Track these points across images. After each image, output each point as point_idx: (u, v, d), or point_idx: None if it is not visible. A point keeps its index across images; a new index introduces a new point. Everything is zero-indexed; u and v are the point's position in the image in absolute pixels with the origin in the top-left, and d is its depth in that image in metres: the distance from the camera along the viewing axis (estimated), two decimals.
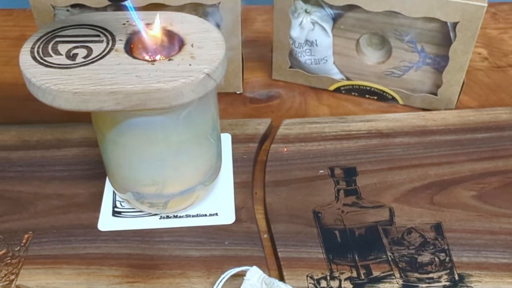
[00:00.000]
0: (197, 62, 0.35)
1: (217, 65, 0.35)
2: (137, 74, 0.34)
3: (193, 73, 0.34)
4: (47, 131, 0.51)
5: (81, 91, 0.33)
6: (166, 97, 0.34)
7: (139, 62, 0.35)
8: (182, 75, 0.34)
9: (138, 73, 0.34)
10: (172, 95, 0.34)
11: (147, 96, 0.34)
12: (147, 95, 0.33)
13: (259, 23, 0.68)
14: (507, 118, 0.52)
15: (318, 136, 0.51)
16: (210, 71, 0.35)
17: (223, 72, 0.36)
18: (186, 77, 0.34)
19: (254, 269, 0.38)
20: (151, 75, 0.34)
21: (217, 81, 0.36)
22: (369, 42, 0.55)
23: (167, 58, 0.36)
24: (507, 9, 0.70)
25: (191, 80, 0.34)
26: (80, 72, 0.34)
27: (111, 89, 0.33)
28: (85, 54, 0.35)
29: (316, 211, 0.44)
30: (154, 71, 0.34)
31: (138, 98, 0.34)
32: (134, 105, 0.34)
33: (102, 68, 0.34)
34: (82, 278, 0.40)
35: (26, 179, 0.47)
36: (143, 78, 0.34)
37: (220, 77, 0.36)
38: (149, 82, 0.33)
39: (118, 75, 0.34)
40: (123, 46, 0.36)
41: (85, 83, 0.33)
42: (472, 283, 0.39)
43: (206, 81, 0.35)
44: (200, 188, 0.43)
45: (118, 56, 0.35)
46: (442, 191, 0.46)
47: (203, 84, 0.34)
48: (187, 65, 0.35)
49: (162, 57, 0.36)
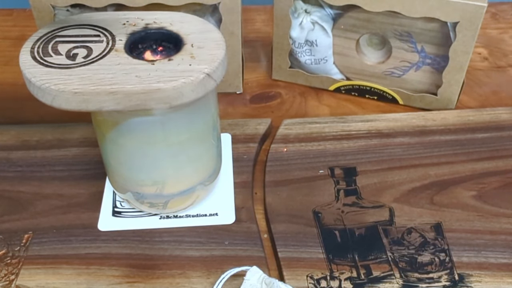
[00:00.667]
0: (197, 62, 0.35)
1: (217, 65, 0.35)
2: (137, 74, 0.34)
3: (193, 73, 0.34)
4: (47, 131, 0.51)
5: (81, 91, 0.33)
6: (166, 97, 0.34)
7: (139, 62, 0.35)
8: (182, 75, 0.34)
9: (138, 73, 0.34)
10: (172, 95, 0.34)
11: (147, 96, 0.33)
12: (147, 95, 0.33)
13: (259, 23, 0.68)
14: (507, 118, 0.52)
15: (318, 136, 0.51)
16: (210, 71, 0.35)
17: (223, 72, 0.36)
18: (186, 77, 0.34)
19: (254, 269, 0.38)
20: (151, 75, 0.34)
21: (217, 81, 0.36)
22: (369, 42, 0.55)
23: (167, 58, 0.36)
24: (507, 9, 0.70)
25: (191, 80, 0.34)
26: (80, 72, 0.34)
27: (111, 89, 0.33)
28: (85, 54, 0.35)
29: (316, 211, 0.44)
30: (154, 71, 0.34)
31: (138, 98, 0.34)
32: (134, 105, 0.34)
33: (102, 68, 0.34)
34: (82, 278, 0.40)
35: (26, 179, 0.47)
36: (143, 78, 0.34)
37: (220, 77, 0.36)
38: (149, 82, 0.33)
39: (118, 75, 0.34)
40: (123, 46, 0.36)
41: (85, 83, 0.33)
42: (472, 283, 0.39)
43: (206, 81, 0.35)
44: (200, 188, 0.43)
45: (118, 56, 0.35)
46: (442, 191, 0.46)
47: (203, 84, 0.34)
48: (187, 65, 0.35)
49: (162, 57, 0.36)
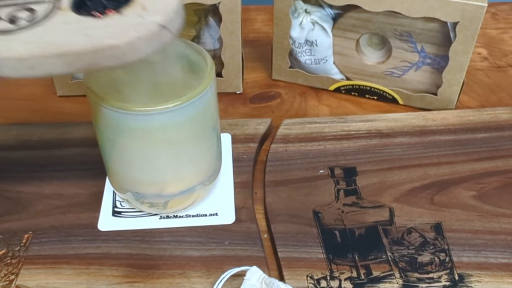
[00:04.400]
0: (149, 14, 0.32)
1: (172, 15, 0.32)
2: (86, 33, 0.31)
3: (146, 26, 0.31)
4: (47, 131, 0.51)
5: (27, 57, 0.31)
6: (120, 53, 0.31)
7: (87, 20, 0.32)
8: (135, 29, 0.31)
9: (87, 31, 0.31)
10: (126, 50, 0.31)
11: (99, 55, 0.31)
12: (99, 53, 0.31)
13: (259, 23, 0.68)
14: (507, 118, 0.52)
15: (318, 136, 0.51)
16: (164, 22, 0.32)
17: (180, 23, 0.33)
18: (139, 30, 0.31)
19: (254, 269, 0.38)
20: (101, 32, 0.31)
21: (174, 33, 0.33)
22: (369, 42, 0.55)
23: (117, 12, 0.33)
24: (507, 9, 0.70)
25: (145, 33, 0.31)
26: (24, 36, 0.31)
27: (60, 51, 0.31)
28: (28, 17, 0.33)
29: (316, 211, 0.44)
30: (104, 27, 0.32)
31: (90, 57, 0.31)
32: (86, 66, 0.31)
33: (48, 29, 0.32)
34: (82, 278, 0.40)
35: (26, 179, 0.47)
36: (93, 36, 0.31)
37: (177, 28, 0.33)
38: (99, 40, 0.31)
39: (65, 36, 0.31)
40: (69, 4, 0.33)
41: (30, 48, 0.31)
42: (472, 283, 0.39)
43: (162, 33, 0.32)
44: (200, 188, 0.43)
45: (64, 16, 0.33)
46: (442, 191, 0.46)
47: (158, 36, 0.32)
48: (139, 18, 0.32)
49: (111, 13, 0.33)
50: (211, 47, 0.55)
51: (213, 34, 0.54)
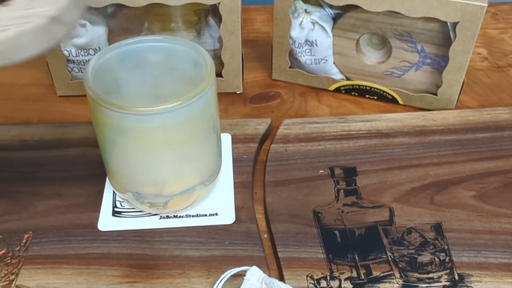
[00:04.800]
0: (38, 5, 0.28)
1: (65, 5, 0.28)
2: None
3: (32, 18, 0.27)
4: (47, 131, 0.51)
5: None
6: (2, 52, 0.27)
7: None
8: (19, 22, 0.27)
9: None
10: (9, 48, 0.27)
11: None
12: None
13: (259, 23, 0.68)
14: (507, 118, 0.52)
15: (318, 136, 0.51)
16: (55, 13, 0.28)
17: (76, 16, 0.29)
18: (24, 23, 0.27)
19: (254, 269, 0.38)
20: None
21: (70, 26, 0.29)
22: (369, 42, 0.55)
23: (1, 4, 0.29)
24: (507, 9, 0.70)
25: (31, 27, 0.27)
26: None
27: None
28: None
29: (316, 211, 0.44)
30: None
31: None
32: None
33: None
34: (82, 278, 0.40)
35: (26, 179, 0.47)
36: None
37: (73, 21, 0.29)
38: None
39: None
40: None
41: None
42: (472, 283, 0.39)
43: (53, 27, 0.28)
44: (200, 188, 0.43)
45: None
46: (442, 191, 0.46)
47: (48, 31, 0.28)
48: (25, 10, 0.28)
49: None
50: (211, 47, 0.55)
51: (213, 34, 0.54)
